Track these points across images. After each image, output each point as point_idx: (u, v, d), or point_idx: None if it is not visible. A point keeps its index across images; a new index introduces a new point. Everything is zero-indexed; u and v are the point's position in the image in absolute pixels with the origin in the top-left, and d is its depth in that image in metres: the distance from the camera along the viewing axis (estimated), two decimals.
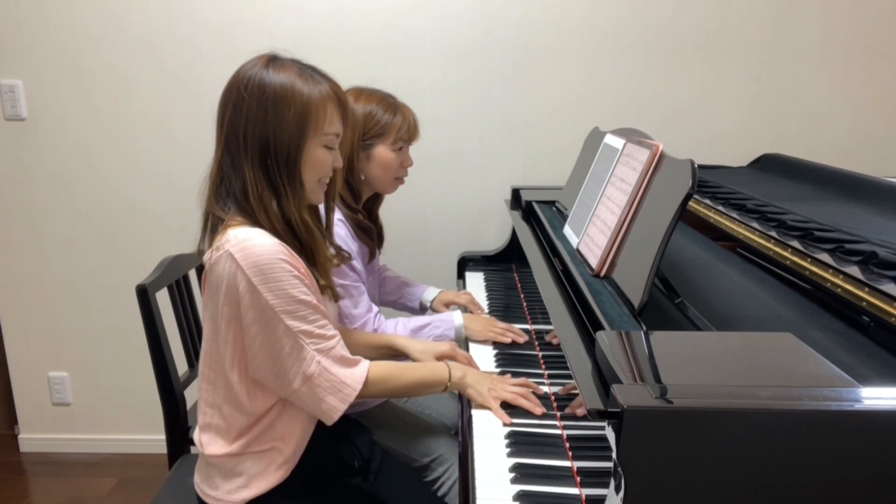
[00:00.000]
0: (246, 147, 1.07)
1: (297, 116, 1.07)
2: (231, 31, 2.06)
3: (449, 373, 1.23)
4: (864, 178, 1.55)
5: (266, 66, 1.08)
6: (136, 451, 2.42)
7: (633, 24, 2.07)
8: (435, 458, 1.47)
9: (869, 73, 2.10)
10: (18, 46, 2.08)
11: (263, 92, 1.06)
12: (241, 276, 1.02)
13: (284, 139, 1.07)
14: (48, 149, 2.17)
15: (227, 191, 1.10)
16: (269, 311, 1.03)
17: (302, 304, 1.05)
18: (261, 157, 1.07)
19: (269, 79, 1.07)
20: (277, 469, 1.14)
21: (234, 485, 1.13)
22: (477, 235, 2.23)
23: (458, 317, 1.54)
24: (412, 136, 1.57)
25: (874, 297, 0.94)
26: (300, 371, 1.06)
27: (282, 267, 1.03)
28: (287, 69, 1.09)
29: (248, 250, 1.02)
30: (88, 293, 2.29)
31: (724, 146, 2.15)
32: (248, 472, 1.13)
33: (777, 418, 0.68)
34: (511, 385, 1.23)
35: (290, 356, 1.06)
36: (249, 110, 1.06)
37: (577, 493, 0.97)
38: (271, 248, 1.03)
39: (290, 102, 1.06)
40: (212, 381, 1.13)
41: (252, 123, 1.06)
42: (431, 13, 2.05)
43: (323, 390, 1.08)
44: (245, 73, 1.09)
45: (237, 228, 1.05)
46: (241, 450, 1.13)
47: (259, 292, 1.02)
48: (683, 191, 1.01)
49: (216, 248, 1.05)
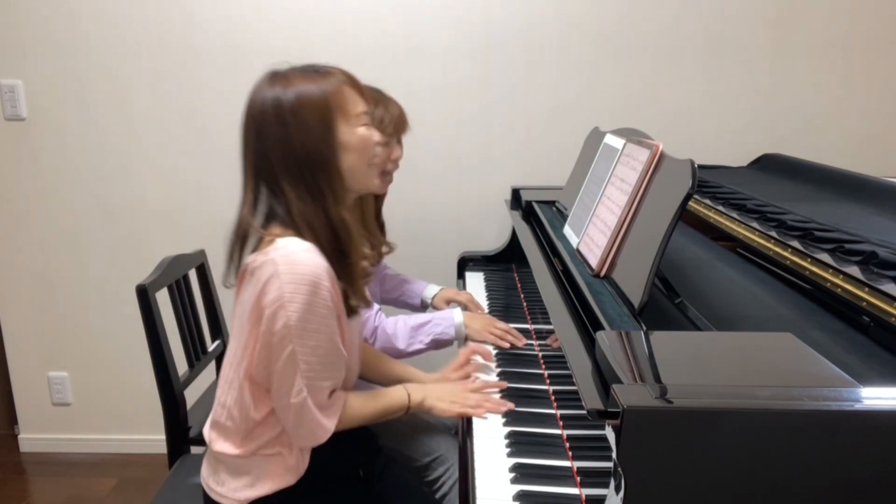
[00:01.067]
0: (279, 167, 1.07)
1: (319, 116, 1.07)
2: (230, 31, 2.06)
3: (408, 398, 1.24)
4: (864, 178, 1.55)
5: (271, 84, 1.08)
6: (136, 451, 2.42)
7: (633, 25, 2.07)
8: (435, 457, 1.47)
9: (869, 73, 2.10)
10: (18, 46, 2.08)
11: (279, 108, 1.06)
12: (277, 284, 1.01)
13: (313, 144, 1.07)
14: (48, 149, 2.17)
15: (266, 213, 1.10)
16: (286, 330, 1.03)
17: (319, 335, 1.05)
18: (297, 171, 1.07)
19: (278, 94, 1.07)
20: (284, 473, 1.14)
21: (239, 483, 1.14)
22: (477, 235, 2.23)
23: (458, 314, 1.54)
24: (399, 128, 1.56)
25: (874, 297, 0.94)
26: (286, 395, 1.07)
27: (318, 289, 1.03)
28: (291, 78, 1.09)
29: (293, 262, 1.02)
30: (88, 293, 2.29)
31: (724, 146, 2.15)
32: (255, 472, 1.13)
33: (777, 418, 0.68)
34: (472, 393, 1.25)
35: (283, 378, 1.06)
36: (272, 131, 1.06)
37: (577, 493, 0.97)
38: (317, 267, 1.03)
39: (307, 107, 1.06)
40: (228, 381, 1.14)
41: (279, 142, 1.06)
42: (432, 13, 2.06)
43: (301, 423, 1.09)
44: (254, 100, 1.09)
45: (288, 238, 1.05)
46: (250, 452, 1.13)
47: (286, 306, 1.02)
48: (683, 191, 1.01)
49: (263, 253, 1.05)
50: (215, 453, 1.17)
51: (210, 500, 1.17)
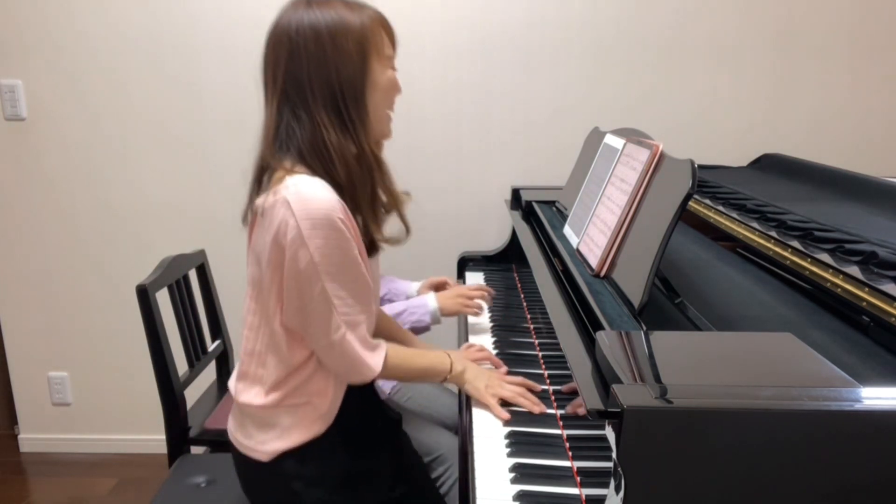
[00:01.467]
0: (313, 92, 1.04)
1: (357, 47, 1.04)
2: (231, 32, 2.06)
3: (451, 365, 1.23)
4: (864, 178, 1.55)
5: (309, 7, 1.05)
6: (136, 451, 2.42)
7: (633, 25, 2.07)
8: (435, 457, 1.47)
9: (869, 73, 2.10)
10: (18, 46, 2.08)
11: (317, 32, 1.03)
12: (293, 224, 0.99)
13: (349, 73, 1.04)
14: (48, 149, 2.17)
15: (288, 144, 1.06)
16: (311, 267, 1.01)
17: (345, 268, 1.03)
18: (331, 98, 1.04)
19: (318, 18, 1.04)
20: (312, 423, 1.12)
21: (268, 435, 1.12)
22: (477, 235, 2.22)
23: (431, 300, 1.56)
24: None
25: (874, 297, 0.94)
26: (325, 333, 1.06)
27: (334, 223, 1.00)
28: (332, 5, 1.06)
29: (306, 200, 0.99)
30: (88, 293, 2.29)
31: (724, 146, 2.15)
32: (283, 424, 1.12)
33: (777, 418, 0.68)
34: (509, 383, 1.23)
35: (319, 318, 1.05)
36: (309, 54, 1.03)
37: (577, 493, 0.97)
38: (329, 202, 1.01)
39: (346, 35, 1.04)
40: (254, 329, 1.12)
41: (315, 66, 1.03)
42: (432, 13, 2.06)
43: (346, 361, 1.08)
44: (289, 19, 1.05)
45: (297, 176, 1.02)
46: (275, 402, 1.11)
47: (307, 245, 1.00)
48: (683, 191, 1.01)
49: (273, 192, 1.02)
50: (241, 405, 1.15)
51: (239, 453, 1.16)
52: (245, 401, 1.13)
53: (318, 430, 1.12)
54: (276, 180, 1.04)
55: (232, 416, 1.20)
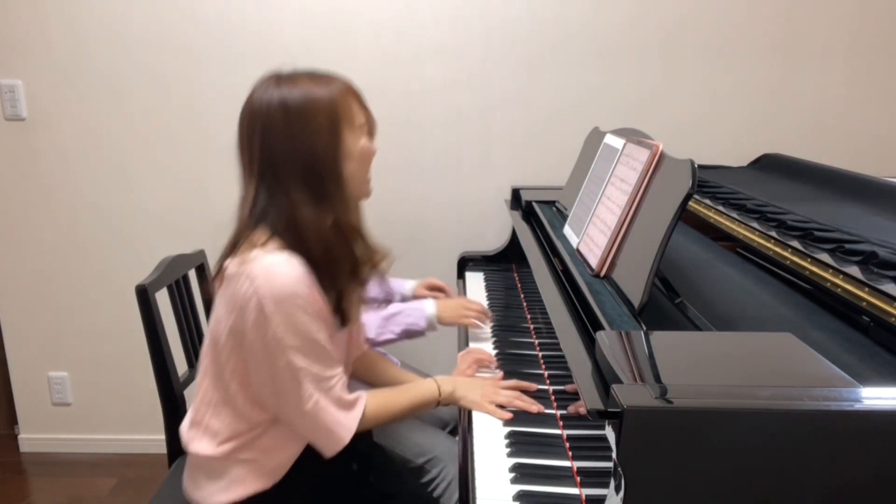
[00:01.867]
0: (287, 170, 1.06)
1: (327, 121, 1.06)
2: (231, 32, 2.06)
3: (438, 389, 1.23)
4: (864, 178, 1.55)
5: (278, 85, 1.07)
6: (136, 451, 2.42)
7: (633, 25, 2.07)
8: (430, 458, 1.47)
9: (869, 73, 2.10)
10: (18, 46, 2.08)
11: (287, 111, 1.05)
12: (256, 302, 1.01)
13: (321, 148, 1.06)
14: (48, 149, 2.17)
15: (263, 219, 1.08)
16: (274, 343, 1.02)
17: (309, 342, 1.04)
18: (303, 175, 1.06)
19: (286, 96, 1.05)
20: (259, 478, 1.13)
21: (216, 486, 1.13)
22: (477, 235, 2.22)
23: (429, 306, 1.55)
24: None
25: (874, 297, 0.94)
26: (297, 406, 1.06)
27: (296, 301, 1.02)
28: (299, 81, 1.08)
29: (271, 276, 1.01)
30: (88, 293, 2.29)
31: (724, 146, 2.15)
32: (230, 475, 1.12)
33: (777, 418, 0.68)
34: (503, 388, 1.23)
35: (288, 390, 1.06)
36: (279, 133, 1.05)
37: (577, 493, 0.97)
38: (295, 277, 1.02)
39: (316, 111, 1.05)
40: (213, 381, 1.13)
41: (288, 144, 1.05)
42: (431, 13, 2.05)
43: (318, 429, 1.08)
44: (260, 98, 1.07)
45: (268, 248, 1.04)
46: (225, 454, 1.12)
47: (269, 322, 1.01)
48: (683, 191, 1.01)
49: (241, 261, 1.04)
50: (192, 456, 1.16)
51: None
52: (195, 450, 1.14)
53: (265, 485, 1.13)
54: (247, 247, 1.05)
55: (185, 470, 1.21)
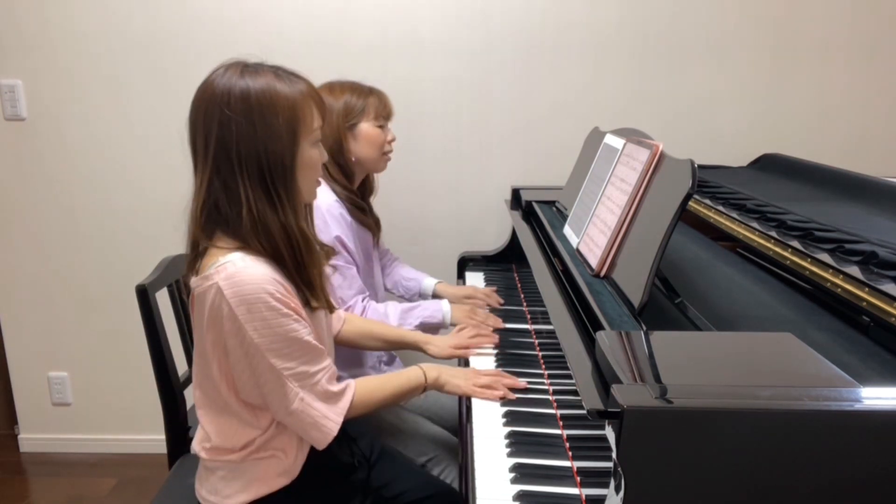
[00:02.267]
0: (240, 165, 1.02)
1: (286, 122, 1.03)
2: (231, 31, 2.06)
3: (424, 375, 1.26)
4: (864, 178, 1.55)
5: (242, 76, 1.03)
6: (136, 451, 2.42)
7: (633, 24, 2.07)
8: (431, 458, 1.47)
9: (869, 73, 2.10)
10: (18, 46, 2.08)
11: (249, 104, 1.01)
12: (228, 311, 1.00)
13: (279, 149, 1.03)
14: (48, 149, 2.17)
15: (216, 215, 1.06)
16: (253, 348, 1.02)
17: (287, 342, 1.04)
18: (258, 172, 1.03)
19: (250, 89, 1.02)
20: (278, 476, 1.14)
21: (232, 489, 1.13)
22: (477, 235, 2.22)
23: (445, 304, 1.61)
24: (389, 112, 1.65)
25: (874, 297, 0.94)
26: (283, 405, 1.07)
27: (268, 303, 1.01)
28: (264, 75, 1.04)
29: (237, 284, 1.00)
30: (88, 293, 2.29)
31: (724, 146, 2.15)
32: (247, 476, 1.13)
33: (777, 418, 0.68)
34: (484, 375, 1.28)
35: (273, 391, 1.06)
36: (238, 126, 1.01)
37: (577, 493, 0.97)
38: (261, 279, 1.01)
39: (277, 109, 1.02)
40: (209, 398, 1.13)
41: (244, 140, 1.01)
42: (432, 13, 2.05)
43: (306, 425, 1.09)
44: (222, 87, 1.03)
45: (228, 255, 1.02)
46: (241, 458, 1.13)
47: (244, 329, 1.01)
48: (683, 191, 1.01)
49: (204, 277, 1.02)
50: (206, 462, 1.17)
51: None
52: (211, 457, 1.15)
53: (283, 482, 1.14)
54: (207, 260, 1.04)
55: (198, 476, 1.22)
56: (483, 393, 1.23)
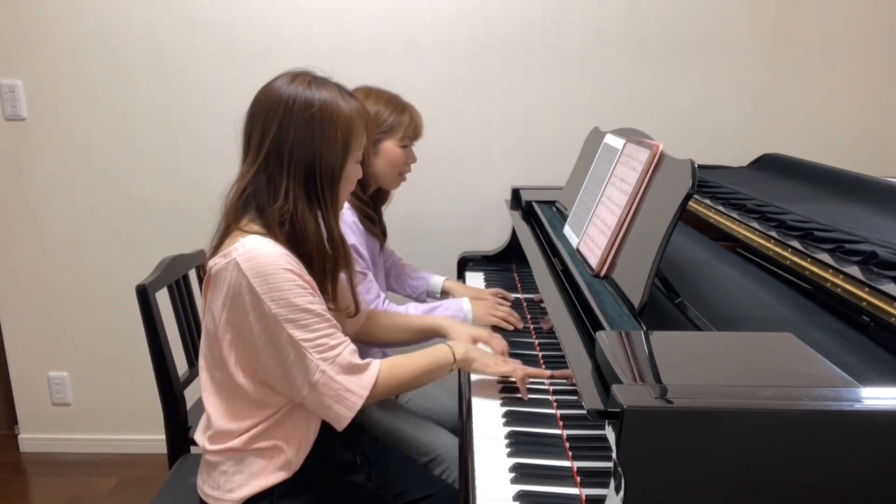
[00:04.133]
0: (290, 166, 1.09)
1: (343, 136, 1.10)
2: (232, 30, 2.06)
3: (452, 352, 1.24)
4: (864, 178, 1.55)
5: (309, 87, 1.10)
6: (136, 451, 2.42)
7: (633, 25, 2.07)
8: (433, 457, 1.47)
9: (869, 73, 2.10)
10: (18, 46, 2.08)
11: (311, 113, 1.08)
12: (246, 285, 1.03)
13: (331, 159, 1.10)
14: (48, 149, 2.17)
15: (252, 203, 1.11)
16: (273, 320, 1.04)
17: (305, 313, 1.06)
18: (305, 176, 1.09)
19: (315, 99, 1.09)
20: (279, 469, 1.14)
21: (234, 483, 1.14)
22: (477, 235, 2.23)
23: (466, 302, 1.58)
24: (417, 134, 1.62)
25: (874, 297, 0.94)
26: (305, 379, 1.07)
27: (284, 275, 1.04)
28: (329, 89, 1.11)
29: (253, 258, 1.03)
30: (88, 293, 2.29)
31: (724, 146, 2.15)
32: (249, 469, 1.14)
33: (777, 418, 0.68)
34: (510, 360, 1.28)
35: (294, 364, 1.07)
36: (297, 131, 1.08)
37: (577, 493, 0.97)
38: (276, 255, 1.05)
39: (336, 123, 1.09)
40: (216, 381, 1.14)
41: (300, 144, 1.08)
42: (432, 13, 2.06)
43: (328, 398, 1.09)
44: (288, 92, 1.09)
45: (247, 237, 1.06)
46: (243, 445, 1.13)
47: (262, 301, 1.03)
48: (683, 191, 1.01)
49: (224, 255, 1.06)
50: (209, 454, 1.17)
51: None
52: (213, 447, 1.15)
53: (284, 475, 1.14)
54: (229, 242, 1.08)
55: (200, 473, 1.22)
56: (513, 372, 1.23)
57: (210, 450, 1.16)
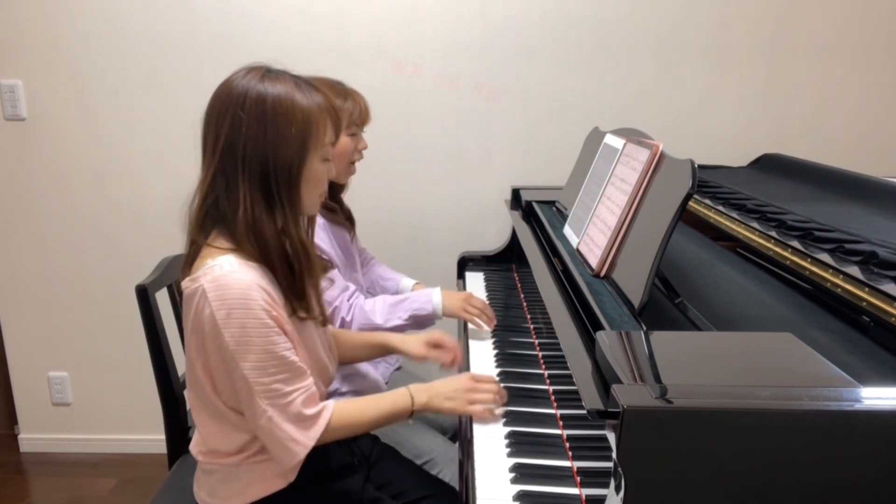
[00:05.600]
0: (244, 167, 1.02)
1: (299, 133, 1.03)
2: (231, 31, 2.06)
3: (412, 400, 1.17)
4: (864, 178, 1.55)
5: (262, 80, 1.03)
6: (136, 451, 2.42)
7: (633, 25, 2.07)
8: (428, 460, 1.47)
9: (869, 73, 2.10)
10: (18, 46, 2.08)
11: (263, 109, 1.01)
12: (209, 314, 0.99)
13: (286, 157, 1.03)
14: (48, 149, 2.17)
15: (215, 214, 1.06)
16: (228, 354, 1.00)
17: (265, 355, 1.01)
18: (261, 176, 1.02)
19: (267, 94, 1.02)
20: (276, 478, 1.13)
21: (229, 491, 1.13)
22: (477, 235, 2.22)
23: (436, 294, 1.54)
24: (364, 119, 1.56)
25: (874, 297, 0.94)
26: (252, 418, 1.05)
27: (250, 310, 0.99)
28: (284, 82, 1.04)
29: (221, 287, 0.98)
30: (88, 293, 2.29)
31: (724, 146, 2.15)
32: (245, 478, 1.12)
33: (777, 418, 0.68)
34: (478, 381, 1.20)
35: (245, 401, 1.04)
36: (249, 128, 1.01)
37: (577, 493, 0.97)
38: (246, 286, 0.99)
39: (291, 118, 1.02)
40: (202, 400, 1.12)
41: (252, 142, 1.01)
42: (431, 13, 2.05)
43: (272, 443, 1.06)
44: (240, 88, 1.03)
45: (218, 258, 1.01)
46: (239, 462, 1.12)
47: (222, 334, 0.99)
48: (683, 191, 1.01)
49: (192, 279, 1.01)
50: (203, 464, 1.16)
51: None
52: (209, 461, 1.14)
53: (279, 485, 1.12)
54: (200, 262, 1.03)
55: (196, 479, 1.21)
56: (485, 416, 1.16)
57: (204, 461, 1.15)
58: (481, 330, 1.54)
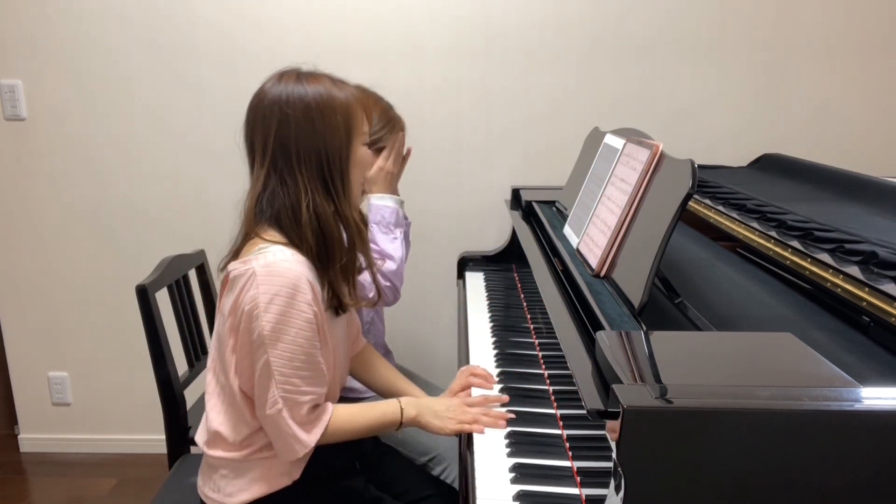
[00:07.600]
0: (300, 161, 1.09)
1: (343, 121, 1.11)
2: (232, 30, 2.06)
3: (401, 413, 1.19)
4: (864, 178, 1.55)
5: (298, 81, 1.11)
6: (136, 451, 2.42)
7: (633, 25, 2.07)
8: (432, 457, 1.47)
9: (869, 72, 2.10)
10: (18, 46, 2.08)
11: (307, 104, 1.08)
12: (253, 294, 1.03)
13: (336, 144, 1.10)
14: (48, 149, 2.17)
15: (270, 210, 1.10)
16: (259, 341, 1.04)
17: (294, 349, 1.05)
18: (318, 168, 1.10)
19: (307, 91, 1.09)
20: (280, 476, 1.14)
21: (234, 487, 1.14)
22: (477, 235, 2.22)
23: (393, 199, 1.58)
24: None
25: (874, 297, 0.94)
26: (262, 405, 1.07)
27: (294, 301, 1.03)
28: (320, 80, 1.12)
29: (271, 273, 1.03)
30: (88, 293, 2.29)
31: (724, 146, 2.15)
32: (251, 474, 1.14)
33: (777, 418, 0.68)
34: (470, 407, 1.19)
35: (260, 386, 1.07)
36: (297, 124, 1.08)
37: (577, 493, 0.97)
38: (295, 276, 1.04)
39: (334, 109, 1.10)
40: (220, 384, 1.14)
41: (303, 135, 1.08)
42: (431, 13, 2.05)
43: (277, 433, 1.09)
44: (278, 90, 1.10)
45: (270, 247, 1.06)
46: (244, 457, 1.13)
47: (260, 318, 1.02)
48: (683, 191, 1.01)
49: (243, 262, 1.06)
50: (209, 458, 1.17)
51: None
52: (214, 454, 1.15)
53: (284, 482, 1.14)
54: (249, 247, 1.09)
55: (201, 472, 1.22)
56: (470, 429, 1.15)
57: (210, 453, 1.16)
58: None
